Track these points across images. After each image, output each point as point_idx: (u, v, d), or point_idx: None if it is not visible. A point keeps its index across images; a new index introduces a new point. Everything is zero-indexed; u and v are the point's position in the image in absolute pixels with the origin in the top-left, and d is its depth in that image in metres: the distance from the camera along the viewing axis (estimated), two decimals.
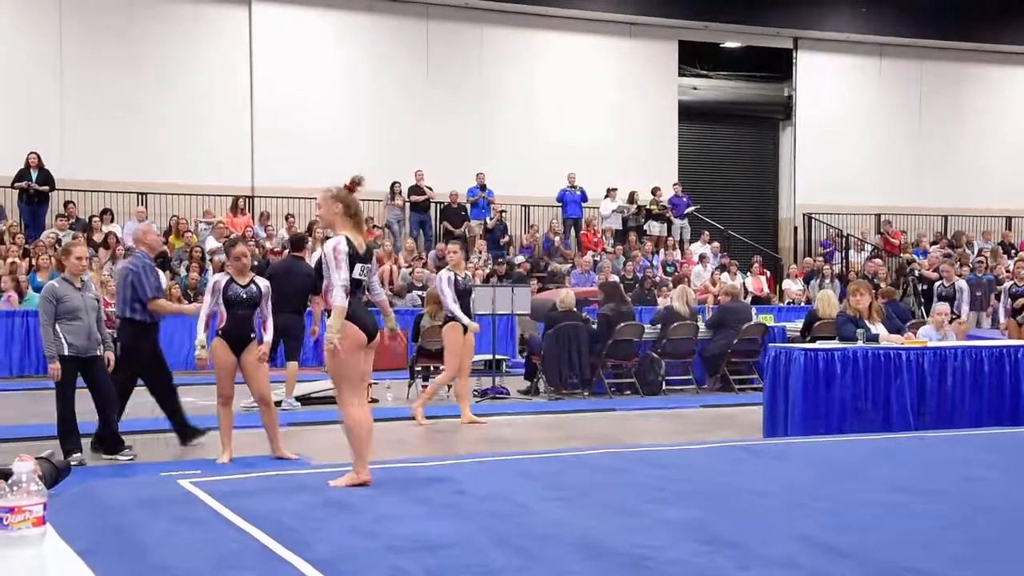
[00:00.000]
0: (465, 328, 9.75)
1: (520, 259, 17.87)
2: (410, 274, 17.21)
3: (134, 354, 8.28)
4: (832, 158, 23.24)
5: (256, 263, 14.42)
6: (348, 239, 5.83)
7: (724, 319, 12.91)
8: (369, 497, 5.63)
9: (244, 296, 7.47)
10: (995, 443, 7.80)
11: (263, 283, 7.73)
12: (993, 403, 8.93)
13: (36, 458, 2.60)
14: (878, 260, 20.39)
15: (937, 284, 14.41)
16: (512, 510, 5.33)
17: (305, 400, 10.75)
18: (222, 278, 7.57)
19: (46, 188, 16.87)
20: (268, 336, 7.72)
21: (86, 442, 7.72)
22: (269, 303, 7.76)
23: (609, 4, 21.75)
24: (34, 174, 16.80)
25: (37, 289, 13.22)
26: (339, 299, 5.73)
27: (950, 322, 10.73)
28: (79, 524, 4.70)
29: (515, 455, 7.61)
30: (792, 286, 19.66)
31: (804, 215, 23.34)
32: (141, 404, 8.66)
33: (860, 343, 8.73)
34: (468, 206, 19.80)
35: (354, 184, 6.07)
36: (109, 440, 7.76)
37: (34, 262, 15.02)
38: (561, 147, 20.80)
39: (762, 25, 22.88)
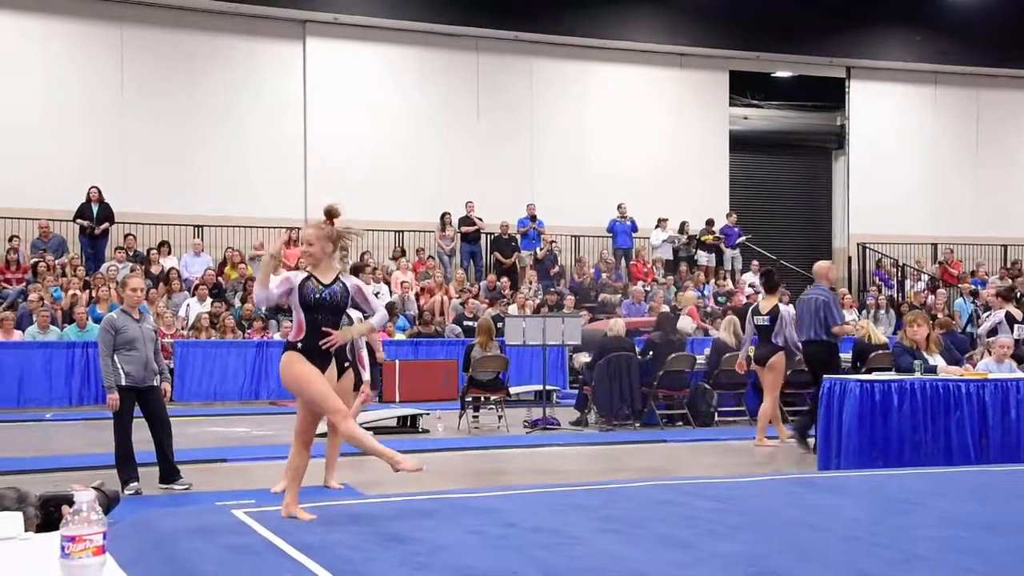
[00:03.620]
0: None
1: (569, 297, 17.88)
2: (462, 305, 17.28)
3: (827, 368, 9.67)
4: (887, 187, 22.97)
5: None
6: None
7: None
8: (421, 528, 5.63)
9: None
10: None
11: (356, 314, 7.78)
12: None
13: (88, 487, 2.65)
14: (940, 291, 20.08)
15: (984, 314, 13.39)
16: (563, 542, 5.30)
17: None
18: None
19: (106, 224, 17.21)
20: (367, 374, 7.83)
21: (144, 471, 7.81)
22: (362, 337, 7.83)
23: (659, 35, 21.80)
24: (95, 207, 17.19)
25: (97, 320, 13.49)
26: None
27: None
28: (136, 553, 4.76)
29: (565, 487, 7.57)
30: (847, 316, 19.37)
31: (858, 245, 23.06)
32: (198, 433, 8.75)
33: (918, 375, 8.58)
34: (518, 237, 19.86)
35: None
36: (165, 470, 7.85)
37: (94, 294, 15.32)
38: (611, 177, 20.82)
39: (814, 54, 22.76)
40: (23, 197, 17.22)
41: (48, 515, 2.46)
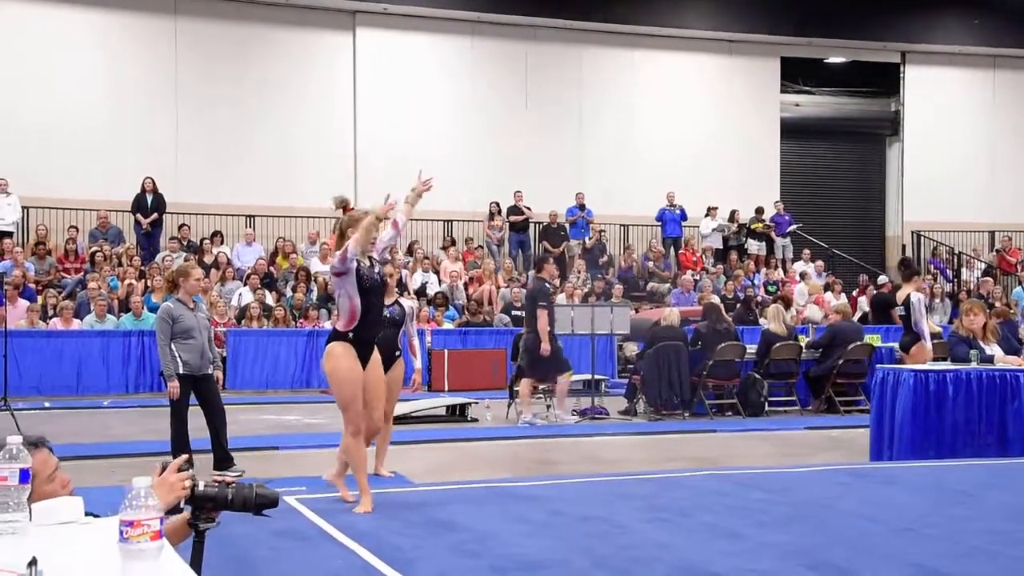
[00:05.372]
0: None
1: (618, 286, 17.82)
2: (510, 294, 17.30)
3: None
4: (942, 174, 22.55)
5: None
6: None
7: (834, 339, 12.61)
8: (469, 515, 5.67)
9: (388, 315, 7.50)
10: None
11: (408, 303, 7.83)
12: None
13: (239, 481, 2.72)
14: (990, 278, 19.72)
15: None
16: (611, 531, 5.30)
17: (403, 420, 10.86)
18: None
19: (154, 216, 17.42)
20: (417, 362, 7.86)
21: (198, 458, 7.93)
22: (414, 324, 7.87)
23: (709, 22, 21.58)
24: (149, 198, 17.46)
25: (152, 310, 13.71)
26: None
27: None
28: (189, 539, 4.85)
29: (614, 476, 7.57)
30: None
31: (912, 232, 22.69)
32: (250, 421, 8.84)
33: (974, 364, 8.44)
34: (567, 226, 19.83)
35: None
36: (219, 456, 7.97)
37: (149, 283, 15.57)
38: (660, 166, 20.69)
39: (868, 39, 22.37)
40: (82, 188, 17.56)
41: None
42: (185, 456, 2.77)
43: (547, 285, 11.23)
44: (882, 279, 19.61)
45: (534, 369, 10.97)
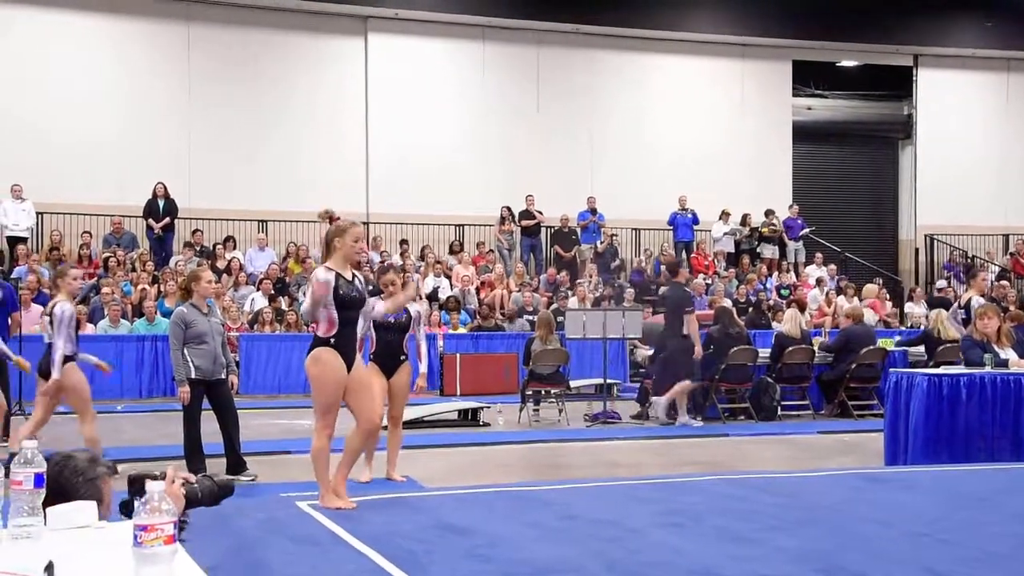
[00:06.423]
0: None
1: (629, 290, 17.78)
2: (522, 298, 17.30)
3: None
4: (955, 177, 22.46)
5: (370, 287, 14.59)
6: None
7: (847, 343, 12.57)
8: (481, 520, 5.67)
9: (392, 320, 7.49)
10: None
11: (414, 308, 7.78)
12: None
13: (201, 476, 2.76)
14: (1005, 282, 19.61)
15: None
16: (624, 535, 5.30)
17: (415, 424, 10.87)
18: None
19: (167, 220, 17.50)
20: (423, 366, 7.84)
21: (211, 462, 7.95)
22: (423, 328, 7.84)
23: (721, 26, 21.56)
24: (161, 203, 17.54)
25: (165, 315, 13.75)
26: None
27: None
28: (203, 543, 4.86)
29: (627, 480, 7.57)
30: (915, 309, 19.03)
31: (926, 236, 22.61)
32: (263, 425, 8.83)
33: (988, 368, 8.40)
34: (579, 230, 19.82)
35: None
36: (232, 461, 7.98)
37: (162, 288, 15.63)
38: (672, 169, 20.67)
39: (880, 43, 22.31)
40: (96, 194, 17.64)
41: (137, 492, 2.56)
42: (175, 466, 2.80)
43: (686, 290, 11.76)
44: (940, 283, 19.71)
45: (676, 372, 11.42)
